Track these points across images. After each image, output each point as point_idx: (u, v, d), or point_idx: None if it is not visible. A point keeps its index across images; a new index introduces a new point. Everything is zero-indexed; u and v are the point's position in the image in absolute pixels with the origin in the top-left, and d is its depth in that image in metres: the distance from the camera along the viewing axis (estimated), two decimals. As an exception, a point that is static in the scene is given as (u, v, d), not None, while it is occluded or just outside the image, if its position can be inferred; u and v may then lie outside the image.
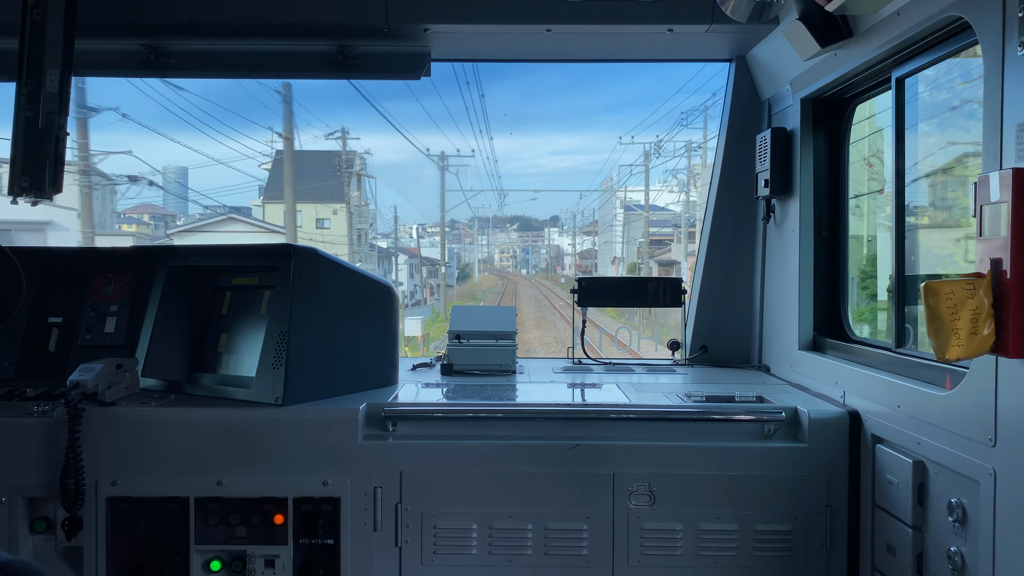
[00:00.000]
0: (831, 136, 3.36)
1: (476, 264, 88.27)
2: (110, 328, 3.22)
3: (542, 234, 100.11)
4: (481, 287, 65.66)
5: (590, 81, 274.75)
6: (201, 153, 73.10)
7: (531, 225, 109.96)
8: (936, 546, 2.31)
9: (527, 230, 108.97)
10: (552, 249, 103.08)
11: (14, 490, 2.73)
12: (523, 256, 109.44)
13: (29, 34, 3.11)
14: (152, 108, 39.50)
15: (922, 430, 2.34)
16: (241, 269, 3.20)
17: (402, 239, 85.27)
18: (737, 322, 3.92)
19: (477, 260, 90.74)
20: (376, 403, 2.85)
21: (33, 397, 2.89)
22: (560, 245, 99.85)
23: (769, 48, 3.48)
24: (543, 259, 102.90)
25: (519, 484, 2.77)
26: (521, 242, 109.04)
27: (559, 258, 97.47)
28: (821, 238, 3.36)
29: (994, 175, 1.92)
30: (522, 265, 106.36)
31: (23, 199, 3.18)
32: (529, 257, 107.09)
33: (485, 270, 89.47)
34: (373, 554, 2.78)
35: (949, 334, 1.93)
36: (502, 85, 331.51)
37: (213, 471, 2.74)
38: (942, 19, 2.26)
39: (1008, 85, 1.94)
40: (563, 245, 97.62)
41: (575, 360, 3.97)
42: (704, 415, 2.85)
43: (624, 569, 2.78)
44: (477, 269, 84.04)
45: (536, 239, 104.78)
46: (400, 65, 3.65)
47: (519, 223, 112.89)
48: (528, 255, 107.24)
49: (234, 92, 22.09)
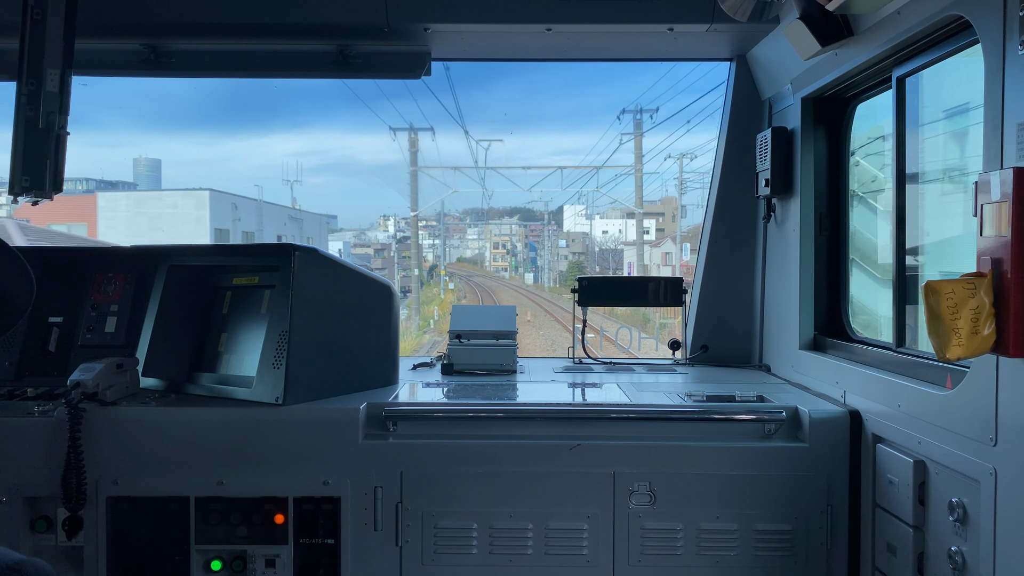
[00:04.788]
0: (832, 135, 3.36)
1: (441, 266, 57.20)
2: (110, 328, 3.22)
3: (545, 227, 67.09)
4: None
5: (592, 80, 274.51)
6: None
7: (534, 218, 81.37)
8: (937, 546, 2.31)
9: (530, 220, 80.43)
10: (575, 238, 69.71)
11: (15, 490, 2.73)
12: (527, 254, 76.70)
13: (29, 34, 3.11)
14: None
15: (923, 429, 2.34)
16: (241, 269, 3.20)
17: (380, 234, 77.19)
18: (738, 321, 3.92)
19: (441, 259, 60.90)
20: (376, 403, 2.85)
21: (34, 397, 2.89)
22: (588, 232, 69.79)
23: (769, 47, 3.47)
24: (562, 256, 65.64)
25: (520, 484, 2.77)
26: (524, 236, 78.60)
27: (611, 257, 57.73)
28: (821, 237, 3.35)
29: (995, 174, 1.92)
30: (525, 267, 73.70)
31: (23, 199, 3.19)
32: (537, 256, 72.13)
33: (450, 276, 56.04)
34: (373, 554, 2.77)
35: (950, 333, 1.93)
36: (505, 84, 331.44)
37: (213, 471, 2.74)
38: (942, 18, 2.26)
39: (1009, 84, 1.94)
40: (594, 233, 69.02)
41: (575, 360, 3.97)
42: (705, 415, 2.85)
43: (625, 569, 2.78)
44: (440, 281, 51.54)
45: (540, 233, 73.71)
46: (400, 65, 3.65)
47: (519, 215, 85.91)
48: (534, 253, 73.61)
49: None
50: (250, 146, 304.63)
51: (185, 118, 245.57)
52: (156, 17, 3.36)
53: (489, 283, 57.48)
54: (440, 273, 53.88)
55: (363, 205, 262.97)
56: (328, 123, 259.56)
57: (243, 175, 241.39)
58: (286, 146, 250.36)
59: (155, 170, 76.36)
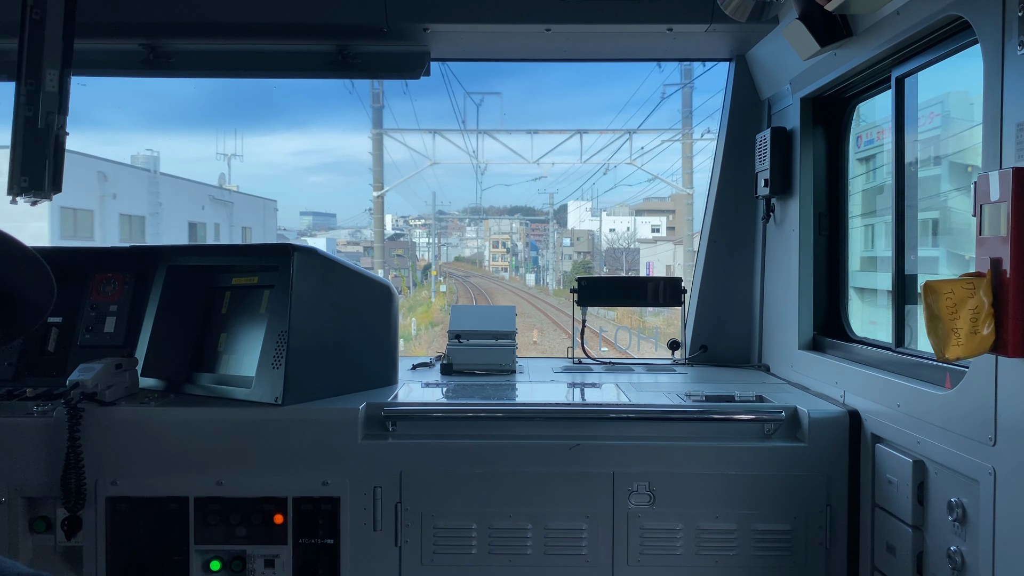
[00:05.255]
0: (831, 135, 3.36)
1: (435, 264, 54.19)
2: (110, 328, 3.22)
3: (549, 224, 63.16)
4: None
5: (593, 81, 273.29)
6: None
7: (536, 216, 76.17)
8: (936, 545, 2.31)
9: (531, 220, 75.56)
10: (580, 236, 64.89)
11: (14, 490, 2.73)
12: (528, 253, 72.67)
13: (28, 34, 3.11)
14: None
15: (922, 429, 2.34)
16: (241, 269, 3.20)
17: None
18: (737, 321, 3.92)
19: (433, 258, 57.25)
20: (376, 403, 2.85)
21: (33, 397, 2.89)
22: (593, 231, 65.43)
23: (769, 47, 3.47)
24: (565, 256, 61.16)
25: (519, 484, 2.77)
26: (525, 235, 74.04)
27: (624, 257, 53.10)
28: (821, 237, 3.36)
29: (994, 174, 1.92)
30: (526, 267, 69.60)
31: (23, 199, 3.19)
32: (538, 256, 68.99)
33: (445, 276, 51.98)
34: (372, 554, 2.77)
35: (949, 333, 1.93)
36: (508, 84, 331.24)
37: (213, 471, 2.74)
38: (942, 18, 2.26)
39: (1008, 84, 1.94)
40: (601, 230, 64.65)
41: (575, 360, 3.97)
42: (704, 415, 2.85)
43: (624, 568, 2.78)
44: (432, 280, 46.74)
45: (543, 232, 69.24)
46: (399, 65, 3.65)
47: (520, 213, 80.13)
48: (536, 252, 70.23)
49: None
50: (251, 144, 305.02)
51: (186, 116, 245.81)
52: (155, 17, 3.36)
53: (487, 284, 52.40)
54: (432, 274, 49.67)
55: (363, 204, 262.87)
56: (329, 121, 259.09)
57: (245, 173, 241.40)
58: (286, 144, 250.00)
59: (153, 167, 75.46)
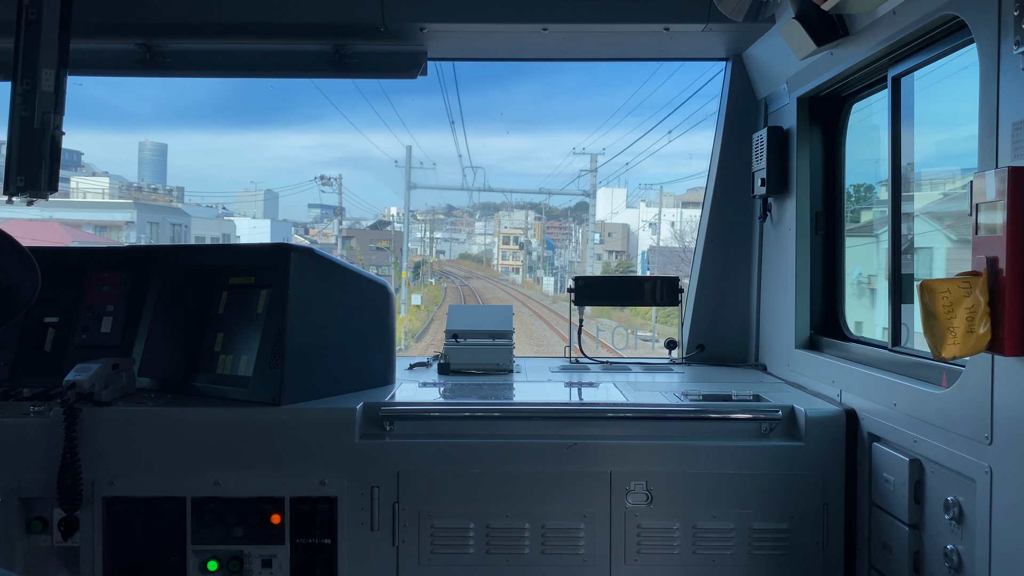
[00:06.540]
0: (827, 135, 3.37)
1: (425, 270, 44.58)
2: (106, 328, 3.21)
3: (570, 213, 54.90)
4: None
5: (605, 82, 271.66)
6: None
7: (552, 214, 66.45)
8: (933, 544, 2.31)
9: (547, 219, 65.18)
10: (611, 231, 52.75)
11: (10, 491, 2.72)
12: (544, 252, 61.33)
13: (24, 33, 3.11)
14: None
15: (918, 428, 2.34)
16: (237, 269, 3.19)
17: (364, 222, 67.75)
18: (734, 321, 3.92)
19: (404, 250, 38.29)
20: (373, 402, 2.85)
21: (29, 397, 2.88)
22: (628, 225, 53.76)
23: (765, 47, 3.48)
24: (595, 255, 48.31)
25: (516, 483, 2.77)
26: (541, 231, 62.82)
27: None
28: (817, 237, 3.36)
29: (990, 173, 1.92)
30: (543, 267, 58.13)
31: (19, 198, 3.19)
32: (554, 255, 59.92)
33: (441, 276, 45.43)
34: (370, 554, 2.77)
35: (945, 332, 1.94)
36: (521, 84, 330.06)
37: (210, 471, 2.73)
38: (938, 18, 2.27)
39: (1004, 84, 1.94)
40: (634, 225, 52.33)
41: (572, 359, 3.97)
42: (701, 414, 2.85)
43: (621, 568, 2.78)
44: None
45: (565, 229, 60.96)
46: (397, 64, 3.65)
47: (534, 211, 65.76)
48: (552, 251, 60.54)
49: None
50: (265, 138, 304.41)
51: (200, 109, 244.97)
52: (151, 17, 3.36)
53: (490, 290, 43.28)
54: (430, 270, 39.42)
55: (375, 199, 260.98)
56: (343, 118, 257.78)
57: (259, 166, 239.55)
58: (303, 139, 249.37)
59: (161, 155, 74.18)
